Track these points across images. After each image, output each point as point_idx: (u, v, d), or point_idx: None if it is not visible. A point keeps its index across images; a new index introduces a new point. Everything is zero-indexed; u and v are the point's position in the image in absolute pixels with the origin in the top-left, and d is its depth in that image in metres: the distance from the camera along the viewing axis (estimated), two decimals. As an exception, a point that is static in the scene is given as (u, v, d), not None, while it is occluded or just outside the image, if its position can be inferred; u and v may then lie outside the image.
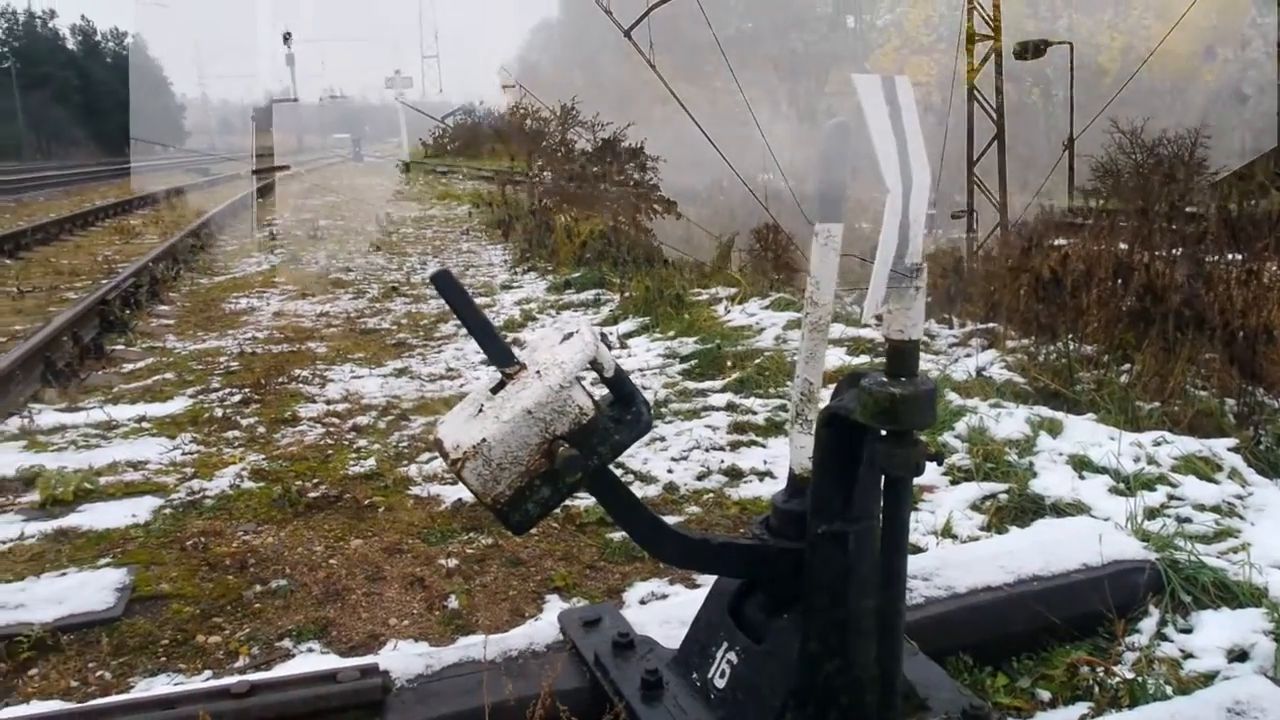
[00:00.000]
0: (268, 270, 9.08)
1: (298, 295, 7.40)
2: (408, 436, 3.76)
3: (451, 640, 2.34)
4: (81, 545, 2.83)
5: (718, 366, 4.37)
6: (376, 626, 2.41)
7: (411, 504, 3.12)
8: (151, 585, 2.57)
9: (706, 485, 3.19)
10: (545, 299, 6.49)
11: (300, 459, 3.53)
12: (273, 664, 2.26)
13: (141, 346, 5.72)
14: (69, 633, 2.34)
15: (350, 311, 6.56)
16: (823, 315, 1.65)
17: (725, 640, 1.85)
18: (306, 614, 2.46)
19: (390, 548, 2.82)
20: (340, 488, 3.24)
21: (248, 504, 3.13)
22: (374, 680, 1.98)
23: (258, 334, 5.91)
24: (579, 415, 1.49)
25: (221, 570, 2.67)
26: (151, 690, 2.13)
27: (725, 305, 5.57)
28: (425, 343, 5.48)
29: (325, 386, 4.55)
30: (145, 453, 3.63)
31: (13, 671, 2.22)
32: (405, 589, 2.59)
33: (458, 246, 10.34)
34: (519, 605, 2.52)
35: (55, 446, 3.75)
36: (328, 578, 2.64)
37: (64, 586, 2.54)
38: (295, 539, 2.88)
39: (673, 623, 2.17)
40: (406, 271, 8.41)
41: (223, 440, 3.78)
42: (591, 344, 1.54)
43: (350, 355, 5.21)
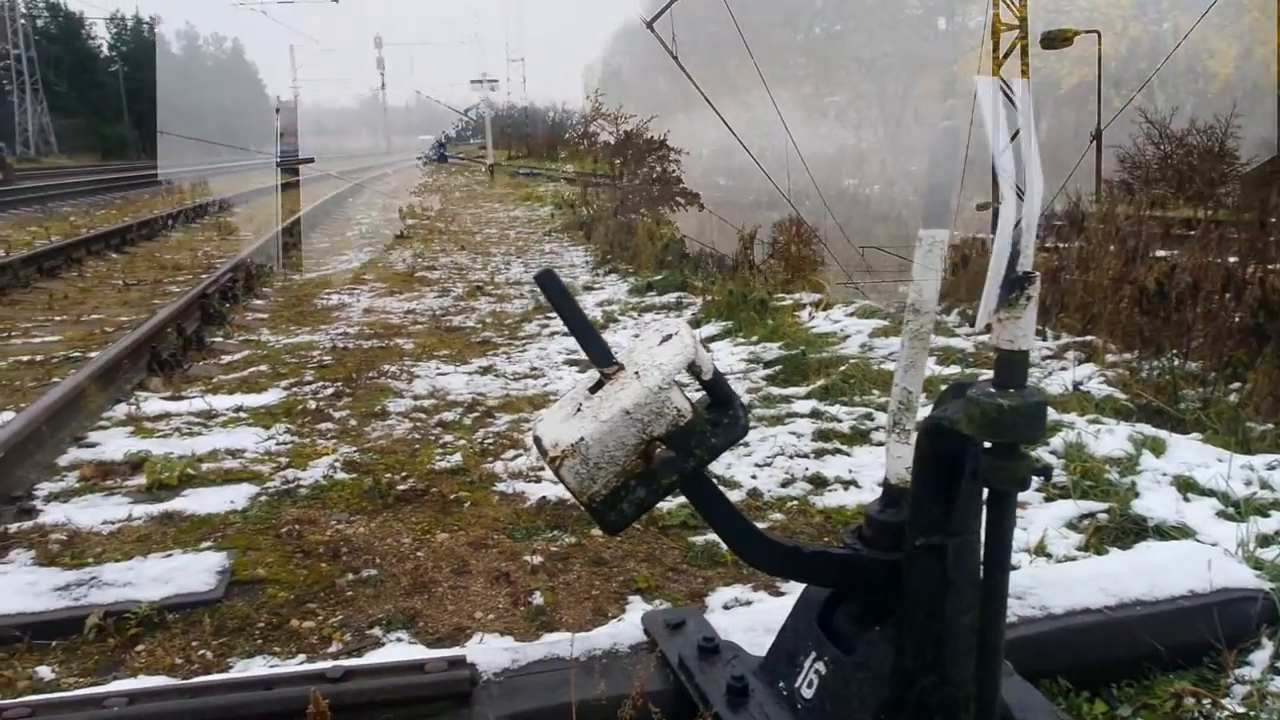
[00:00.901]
0: (357, 267, 9.33)
1: (386, 293, 7.58)
2: (493, 434, 3.82)
3: (536, 636, 2.37)
4: (185, 529, 2.95)
5: (802, 373, 4.33)
6: (463, 619, 2.45)
7: (497, 500, 3.17)
8: (249, 570, 2.67)
9: (790, 492, 3.16)
10: (627, 301, 6.52)
11: (389, 452, 3.62)
12: (363, 651, 2.31)
13: (238, 339, 5.93)
14: (174, 612, 2.44)
15: (436, 309, 6.70)
16: (924, 323, 1.62)
17: (814, 650, 1.82)
18: (395, 604, 2.52)
19: (476, 542, 2.87)
20: (427, 482, 3.31)
21: (340, 494, 3.22)
22: (462, 672, 2.01)
23: (348, 329, 6.07)
24: (676, 417, 1.49)
25: (315, 558, 2.75)
26: (250, 671, 2.20)
27: (809, 311, 5.51)
28: (509, 342, 5.56)
29: (413, 382, 4.65)
30: (243, 442, 3.76)
31: (121, 646, 2.32)
32: (490, 584, 2.63)
33: (540, 247, 10.47)
34: (602, 605, 2.53)
35: (160, 433, 3.92)
36: (415, 569, 2.70)
37: (169, 567, 2.64)
38: (385, 530, 2.94)
39: (757, 630, 2.15)
40: (490, 271, 8.54)
41: (316, 432, 3.89)
42: (691, 346, 1.54)
43: (436, 352, 5.32)
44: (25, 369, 5.31)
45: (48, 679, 2.20)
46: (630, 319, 5.94)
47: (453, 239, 11.56)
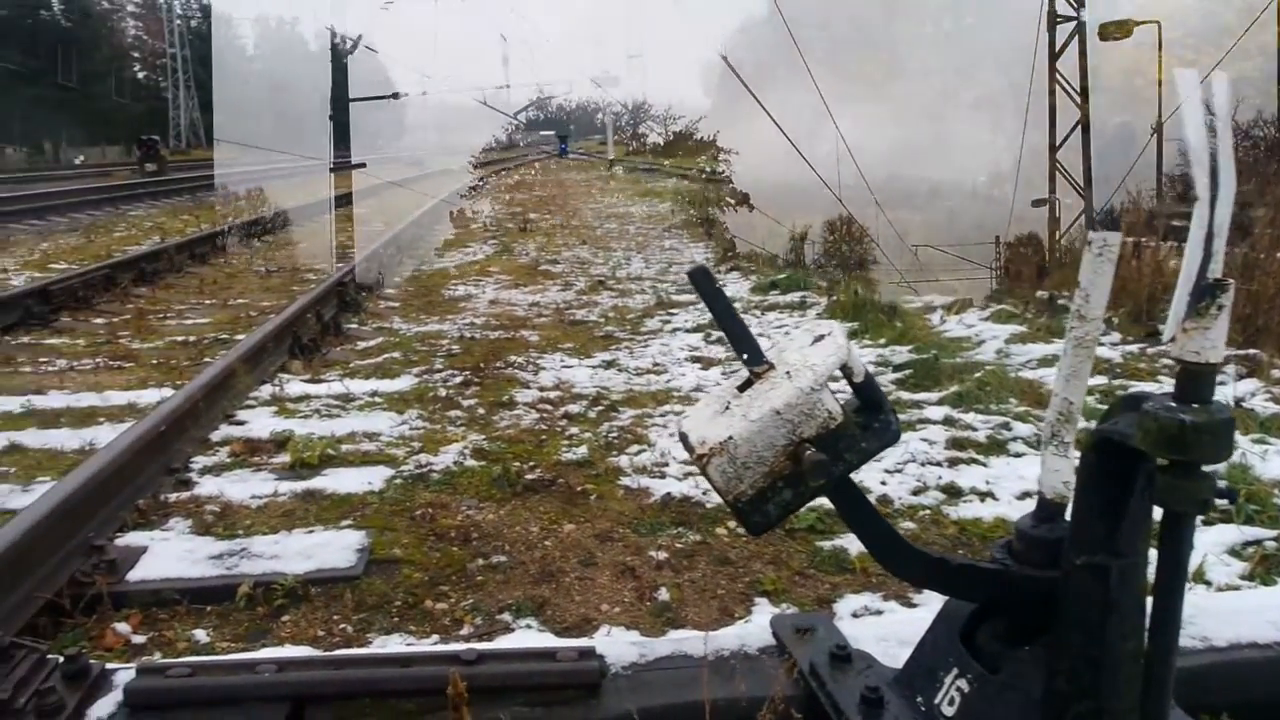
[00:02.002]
0: (482, 259, 9.56)
1: (510, 285, 7.75)
2: (617, 428, 3.85)
3: (662, 632, 2.37)
4: (325, 506, 3.08)
5: (933, 378, 4.21)
6: (589, 611, 2.48)
7: (622, 494, 3.19)
8: (386, 549, 2.76)
9: (922, 501, 3.07)
10: (749, 299, 6.48)
11: (517, 442, 3.69)
12: (494, 635, 2.36)
13: (372, 326, 6.16)
14: (316, 586, 2.55)
15: (559, 303, 6.80)
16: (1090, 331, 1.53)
17: (955, 666, 1.76)
18: (524, 591, 2.56)
19: (602, 535, 2.89)
20: (554, 472, 3.36)
21: (470, 481, 3.30)
22: (591, 663, 2.02)
23: (475, 320, 6.23)
24: (827, 419, 1.46)
25: (447, 541, 2.83)
26: (387, 647, 2.28)
27: (940, 314, 5.34)
28: (631, 337, 5.60)
29: (538, 374, 4.73)
30: (378, 425, 3.90)
31: (268, 616, 2.43)
32: (616, 577, 2.65)
33: (660, 243, 10.51)
34: (727, 605, 2.51)
35: (301, 414, 4.10)
36: (543, 558, 2.74)
37: (312, 543, 2.76)
38: (513, 518, 3.00)
39: (890, 640, 2.09)
40: (612, 266, 8.62)
41: (446, 419, 4.00)
42: (844, 348, 1.50)
43: (560, 345, 5.40)
44: (180, 349, 5.65)
45: (203, 641, 2.33)
46: (753, 317, 5.89)
47: (574, 233, 11.72)
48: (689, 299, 6.72)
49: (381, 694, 1.99)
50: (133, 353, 5.52)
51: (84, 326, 6.42)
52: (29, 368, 5.16)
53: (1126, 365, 4.41)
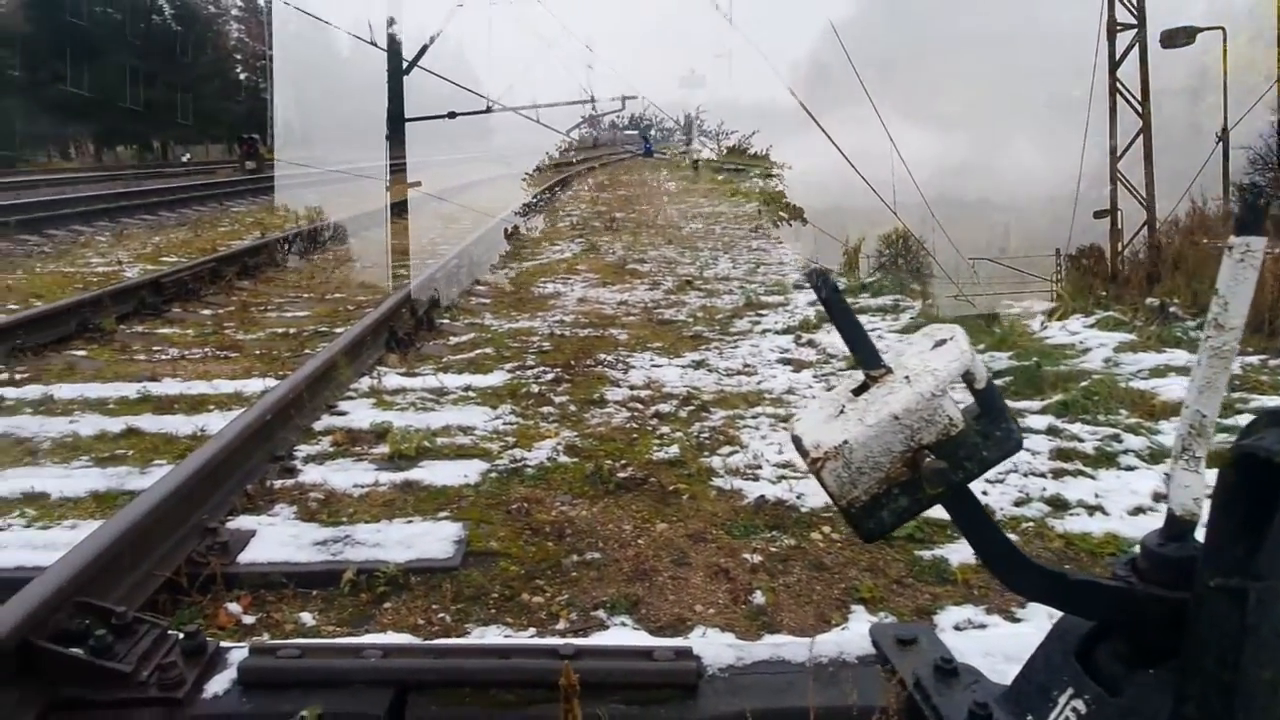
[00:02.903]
0: (570, 257, 9.65)
1: (598, 284, 7.80)
2: (708, 428, 3.83)
3: (757, 636, 2.35)
4: (423, 497, 3.14)
5: (1035, 386, 4.07)
6: (683, 611, 2.47)
7: (714, 495, 3.17)
8: (483, 542, 2.80)
9: (1025, 513, 2.98)
10: (840, 302, 6.36)
11: (608, 439, 3.71)
12: (589, 631, 2.37)
13: (464, 322, 6.27)
14: (416, 575, 2.60)
15: (647, 302, 6.82)
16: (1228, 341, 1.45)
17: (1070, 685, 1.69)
18: (618, 589, 2.57)
19: (695, 535, 2.88)
20: (646, 471, 3.36)
21: (563, 477, 3.33)
22: (689, 664, 2.02)
23: (564, 317, 6.29)
24: (948, 426, 1.42)
25: (542, 536, 2.86)
26: (485, 639, 2.31)
27: (1040, 320, 5.18)
28: (720, 337, 5.57)
29: (628, 372, 4.75)
30: (472, 419, 3.97)
31: (371, 602, 2.49)
32: (710, 578, 2.63)
33: (747, 243, 10.44)
34: (823, 611, 2.48)
35: (398, 406, 4.20)
36: (636, 556, 2.75)
37: (411, 533, 2.82)
38: (606, 515, 3.02)
39: (995, 655, 2.03)
40: (699, 266, 8.60)
41: (539, 415, 4.05)
42: (968, 353, 1.46)
43: (649, 344, 5.41)
44: (281, 340, 5.85)
45: (309, 624, 2.40)
46: (844, 320, 5.80)
47: (660, 233, 11.74)
48: (778, 300, 6.66)
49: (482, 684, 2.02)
50: (238, 343, 5.73)
51: (193, 317, 6.70)
52: (143, 355, 5.41)
53: (1247, 378, 4.20)
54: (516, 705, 1.95)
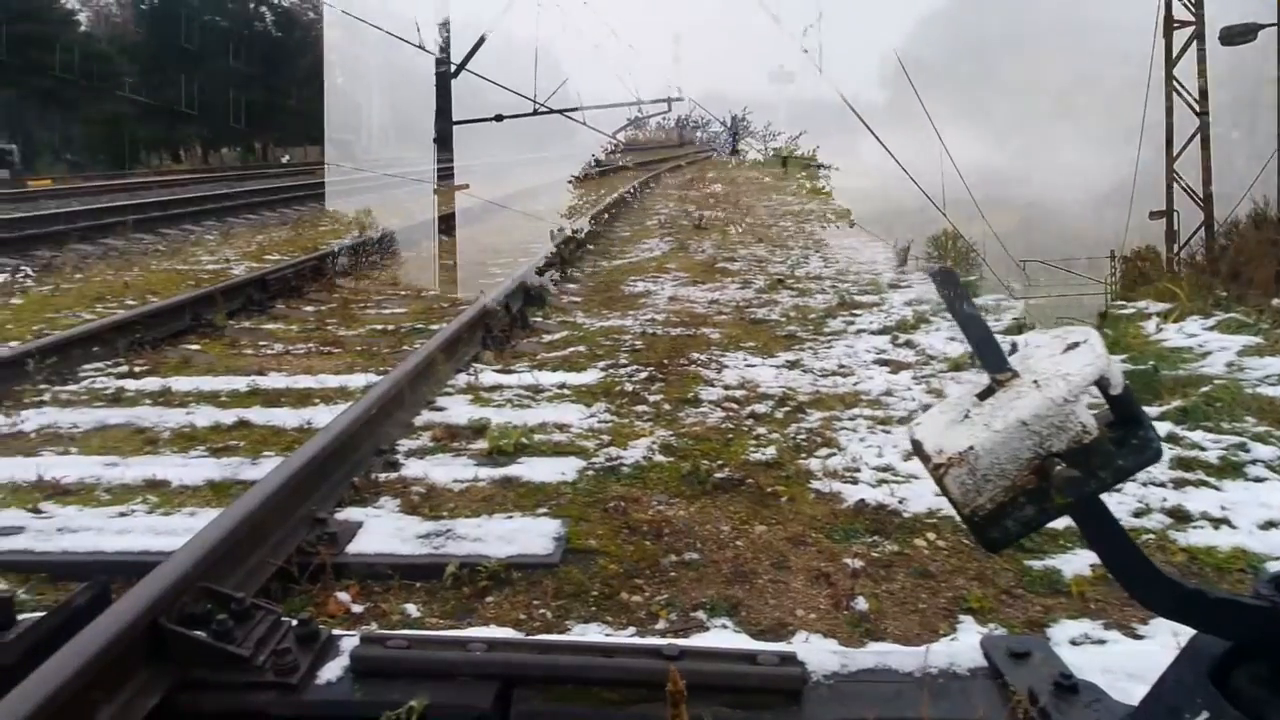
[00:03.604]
0: (660, 256, 9.66)
1: (689, 282, 7.78)
2: (805, 430, 3.78)
3: (861, 643, 2.30)
4: (522, 494, 3.18)
5: (1152, 391, 3.89)
6: (784, 615, 2.44)
7: (813, 498, 3.12)
8: (582, 539, 2.82)
9: (1144, 524, 2.85)
10: (938, 302, 6.21)
11: (704, 439, 3.69)
12: (689, 632, 2.36)
13: (556, 320, 6.33)
14: (517, 570, 2.63)
15: (739, 301, 6.77)
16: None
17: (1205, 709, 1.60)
18: (717, 590, 2.55)
19: (794, 538, 2.84)
20: (743, 472, 3.33)
21: (659, 476, 3.32)
22: (793, 670, 1.98)
23: (655, 316, 6.29)
24: (1080, 434, 1.36)
25: (640, 535, 2.86)
26: (587, 636, 2.32)
27: (1155, 322, 4.95)
28: (814, 337, 5.50)
29: (722, 372, 4.72)
30: (567, 417, 4.00)
31: (473, 596, 2.53)
32: (810, 582, 2.59)
33: (839, 242, 10.29)
34: (929, 620, 2.41)
35: (495, 403, 4.26)
36: (735, 558, 2.72)
37: (512, 528, 2.86)
38: (704, 516, 3.00)
39: (1116, 673, 1.94)
40: (790, 265, 8.51)
41: (633, 413, 4.05)
42: (1103, 357, 1.39)
43: (742, 343, 5.37)
44: (380, 336, 6.00)
45: (414, 616, 2.45)
46: (943, 320, 5.65)
47: (750, 231, 11.66)
48: (873, 300, 6.53)
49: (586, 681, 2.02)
50: (340, 339, 5.90)
51: (296, 314, 6.93)
52: (251, 350, 5.61)
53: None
54: (619, 704, 1.96)
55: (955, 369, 4.60)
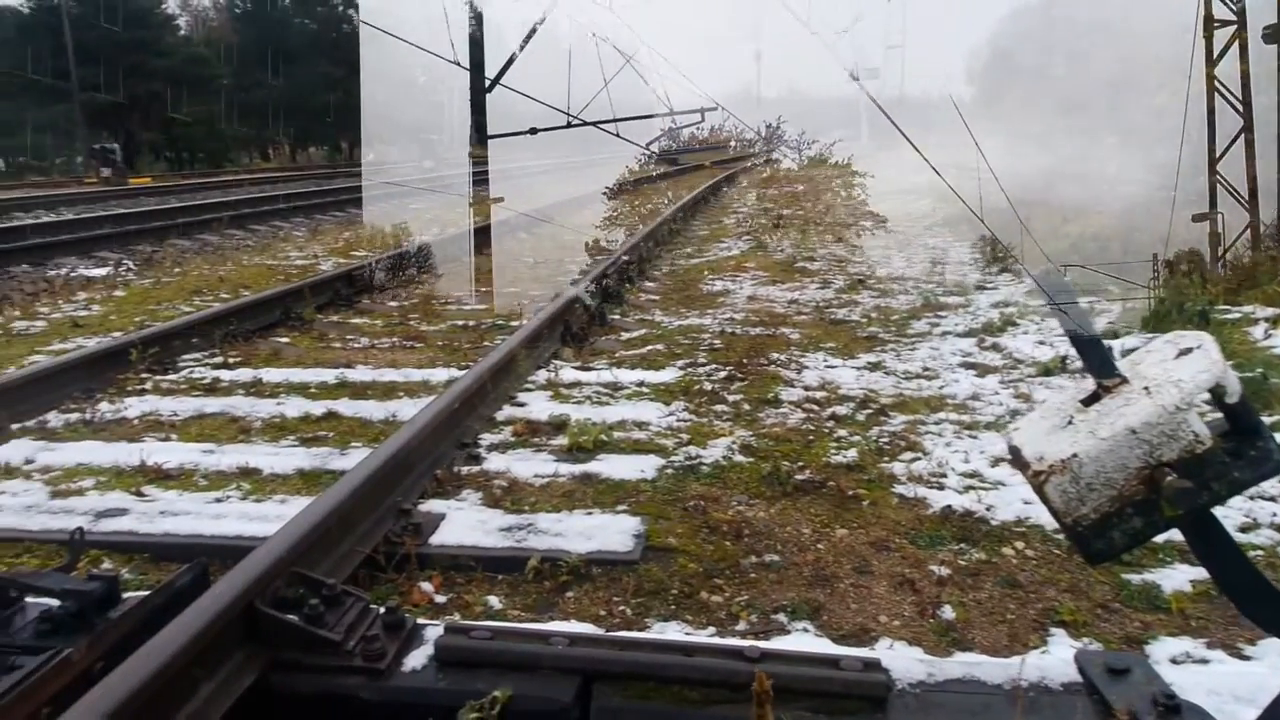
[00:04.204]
0: (738, 255, 9.61)
1: (767, 282, 7.72)
2: (888, 433, 3.71)
3: (947, 652, 2.25)
4: (602, 490, 3.19)
5: (1262, 400, 3.71)
6: (866, 620, 2.40)
7: (896, 502, 3.06)
8: (661, 538, 2.81)
9: (1253, 540, 2.72)
10: (1026, 303, 6.05)
11: (784, 440, 3.65)
12: (769, 635, 2.34)
13: (634, 318, 6.35)
14: (597, 566, 2.64)
15: (818, 301, 6.69)
16: None
17: (1323, 736, 1.53)
18: (798, 593, 2.52)
19: (877, 543, 2.79)
20: (824, 474, 3.29)
21: (739, 476, 3.30)
22: (878, 676, 1.95)
23: (734, 315, 6.26)
24: (1193, 443, 1.30)
25: (719, 535, 2.84)
26: (665, 634, 2.32)
27: (1264, 327, 4.72)
28: (897, 339, 5.39)
29: (801, 372, 4.67)
30: (646, 415, 4.00)
31: (554, 590, 2.55)
32: (894, 588, 2.54)
33: (922, 241, 10.08)
34: (1018, 632, 2.34)
35: (574, 400, 4.29)
36: (816, 561, 2.69)
37: (591, 525, 2.87)
38: (784, 518, 2.97)
39: (1222, 695, 1.86)
40: (870, 265, 8.38)
41: (712, 413, 4.04)
42: (1219, 364, 1.33)
43: (822, 344, 5.30)
44: (461, 332, 6.10)
45: (496, 608, 2.48)
46: (1031, 323, 5.49)
47: (828, 230, 11.51)
48: (958, 301, 6.38)
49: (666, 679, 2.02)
50: (422, 334, 6.01)
51: (380, 309, 7.09)
52: (338, 344, 5.76)
53: None
54: (700, 703, 1.95)
55: (1045, 373, 4.46)
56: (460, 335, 5.98)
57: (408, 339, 5.85)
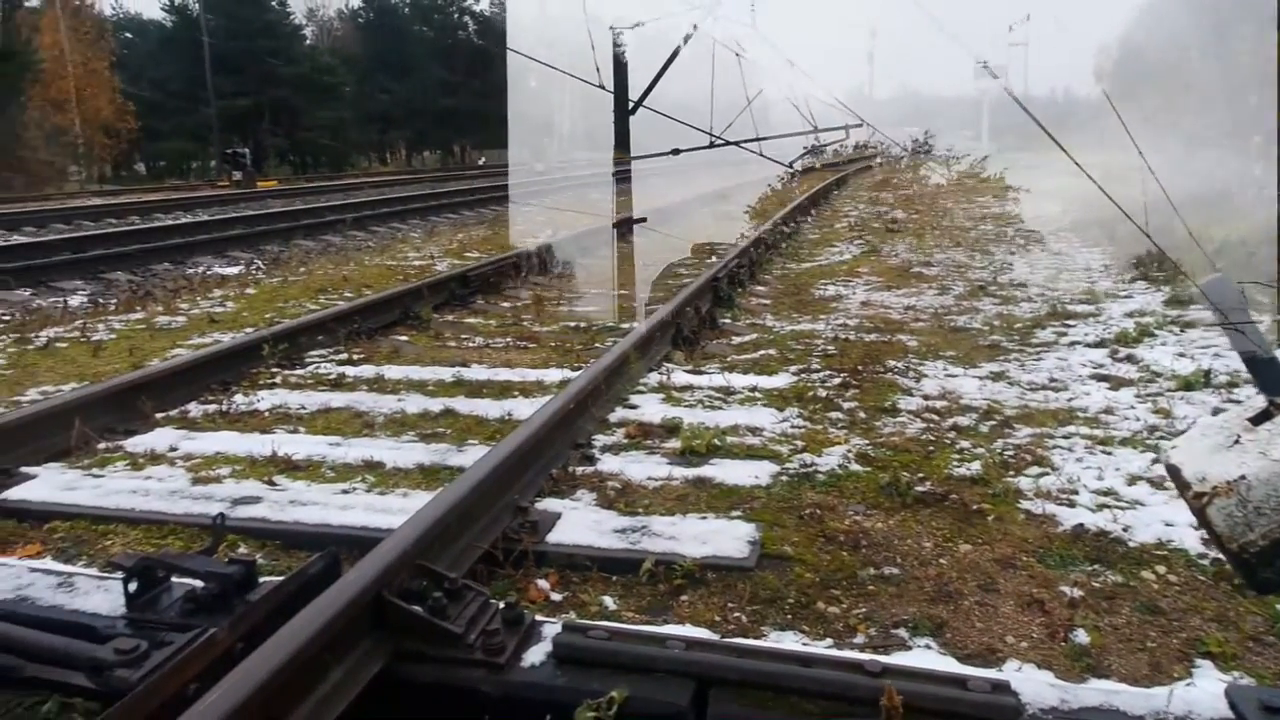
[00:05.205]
0: (851, 260, 9.43)
1: (882, 287, 7.55)
2: (1013, 445, 3.57)
3: (1081, 679, 2.14)
4: (716, 495, 3.17)
5: None
6: (993, 640, 2.30)
7: (1023, 519, 2.94)
8: (776, 545, 2.77)
9: None
10: (1163, 314, 5.73)
11: (903, 450, 3.55)
12: (889, 649, 2.27)
13: (745, 322, 6.30)
14: (712, 571, 2.62)
15: (936, 307, 6.49)
16: None
17: None
18: (919, 608, 2.44)
19: (1002, 560, 2.68)
20: (945, 487, 3.18)
21: (856, 486, 3.22)
22: (1007, 699, 1.87)
23: (848, 321, 6.14)
24: (1380, 468, 1.20)
25: (836, 545, 2.78)
26: (782, 644, 2.28)
27: None
28: (1021, 348, 5.19)
29: (920, 381, 4.54)
30: (759, 420, 3.96)
31: (668, 594, 2.54)
32: (1022, 608, 2.44)
33: (1045, 246, 9.69)
34: (1159, 661, 2.21)
35: (686, 403, 4.28)
36: (938, 576, 2.60)
37: (706, 529, 2.85)
38: (904, 530, 2.88)
39: (1398, 741, 1.71)
40: (992, 271, 8.09)
41: (827, 420, 3.96)
42: None
43: (941, 352, 5.14)
44: (573, 333, 6.17)
45: (611, 608, 2.48)
46: (1170, 334, 5.20)
47: (945, 234, 11.18)
48: (1087, 310, 6.10)
49: (783, 689, 1.99)
50: (535, 334, 6.11)
51: (494, 309, 7.24)
52: (454, 343, 5.91)
53: None
54: (818, 716, 1.91)
55: (1186, 388, 4.21)
56: (572, 336, 6.05)
57: (521, 339, 5.96)
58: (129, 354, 5.60)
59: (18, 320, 7.08)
